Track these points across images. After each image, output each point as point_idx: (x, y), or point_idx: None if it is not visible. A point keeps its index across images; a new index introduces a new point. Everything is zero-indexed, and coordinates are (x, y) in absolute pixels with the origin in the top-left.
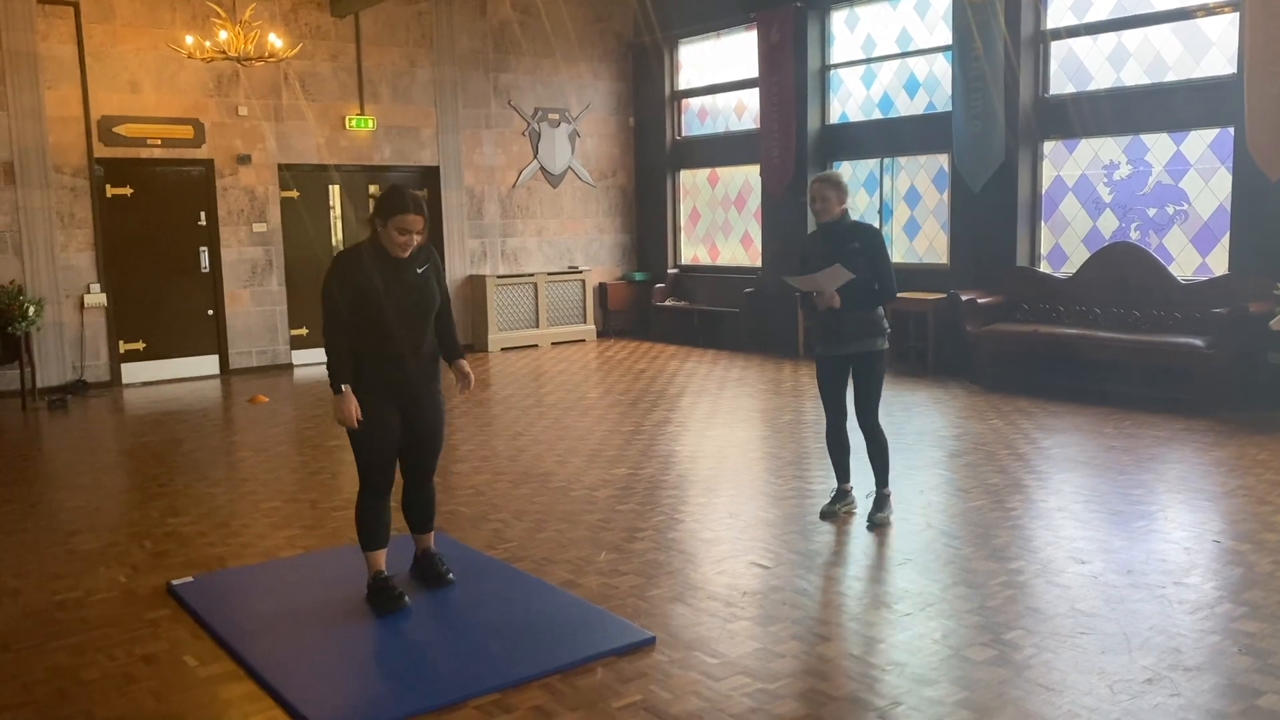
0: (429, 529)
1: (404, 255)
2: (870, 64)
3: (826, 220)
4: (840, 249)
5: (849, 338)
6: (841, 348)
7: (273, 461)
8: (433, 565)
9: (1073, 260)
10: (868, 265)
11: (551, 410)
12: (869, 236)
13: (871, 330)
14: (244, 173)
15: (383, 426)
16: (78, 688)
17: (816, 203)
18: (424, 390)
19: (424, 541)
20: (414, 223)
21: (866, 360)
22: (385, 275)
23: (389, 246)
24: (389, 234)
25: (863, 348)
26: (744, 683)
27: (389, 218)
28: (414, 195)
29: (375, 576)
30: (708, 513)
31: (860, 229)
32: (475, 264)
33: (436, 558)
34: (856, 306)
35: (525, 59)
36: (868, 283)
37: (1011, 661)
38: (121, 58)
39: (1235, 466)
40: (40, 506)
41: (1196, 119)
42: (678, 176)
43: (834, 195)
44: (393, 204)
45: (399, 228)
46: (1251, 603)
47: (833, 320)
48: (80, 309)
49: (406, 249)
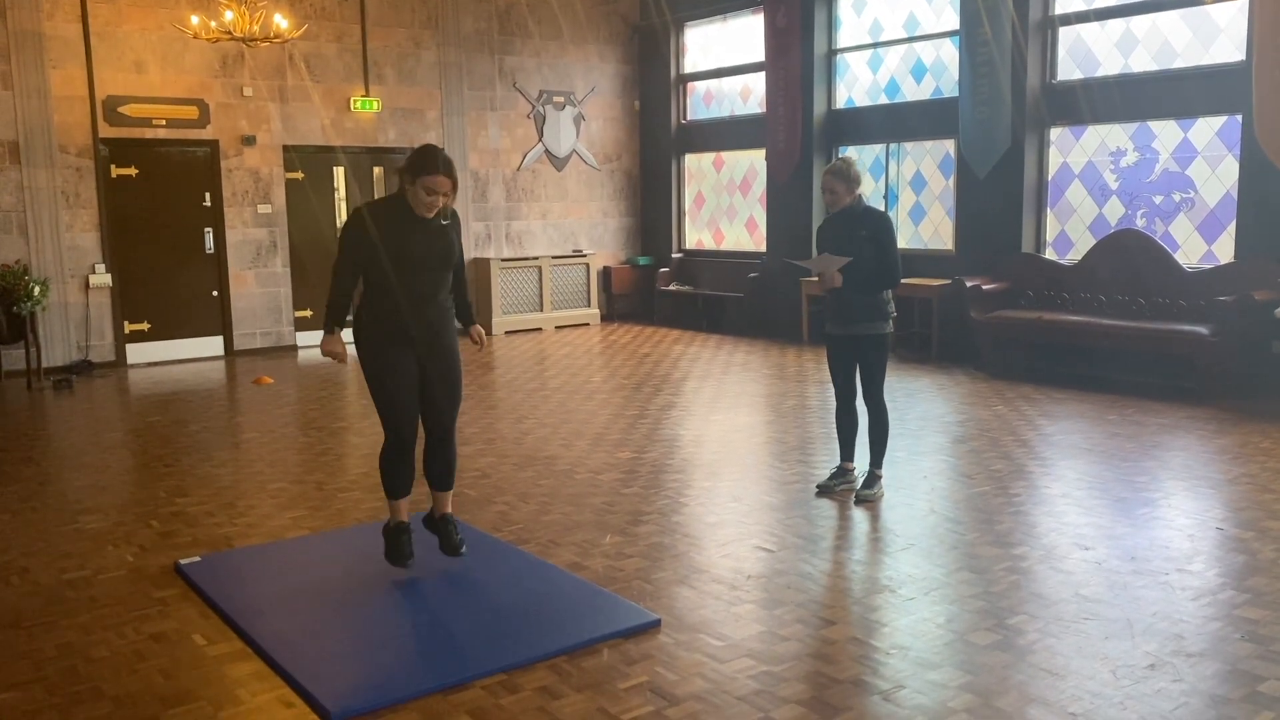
0: (448, 487)
1: (429, 215)
2: (877, 48)
3: (838, 210)
4: (850, 236)
5: (851, 319)
6: (846, 328)
7: (278, 443)
8: (447, 532)
9: (1078, 247)
10: (874, 251)
11: (556, 394)
12: (877, 223)
13: (874, 314)
14: (249, 154)
15: (399, 375)
16: (87, 665)
17: (827, 195)
18: (441, 342)
19: (442, 501)
20: (441, 184)
21: (868, 342)
22: (407, 227)
23: (415, 205)
24: (416, 192)
25: (865, 330)
26: (749, 665)
27: (418, 176)
28: (445, 157)
29: (393, 524)
30: (712, 496)
31: (869, 216)
32: (480, 247)
33: (453, 524)
34: (859, 290)
35: (531, 41)
36: (872, 267)
37: (1015, 646)
38: (126, 37)
39: (1239, 454)
40: (48, 486)
41: (1204, 106)
42: (683, 160)
43: (842, 188)
44: (423, 163)
45: (426, 187)
46: (1254, 590)
47: (838, 301)
48: (85, 289)
49: (432, 210)
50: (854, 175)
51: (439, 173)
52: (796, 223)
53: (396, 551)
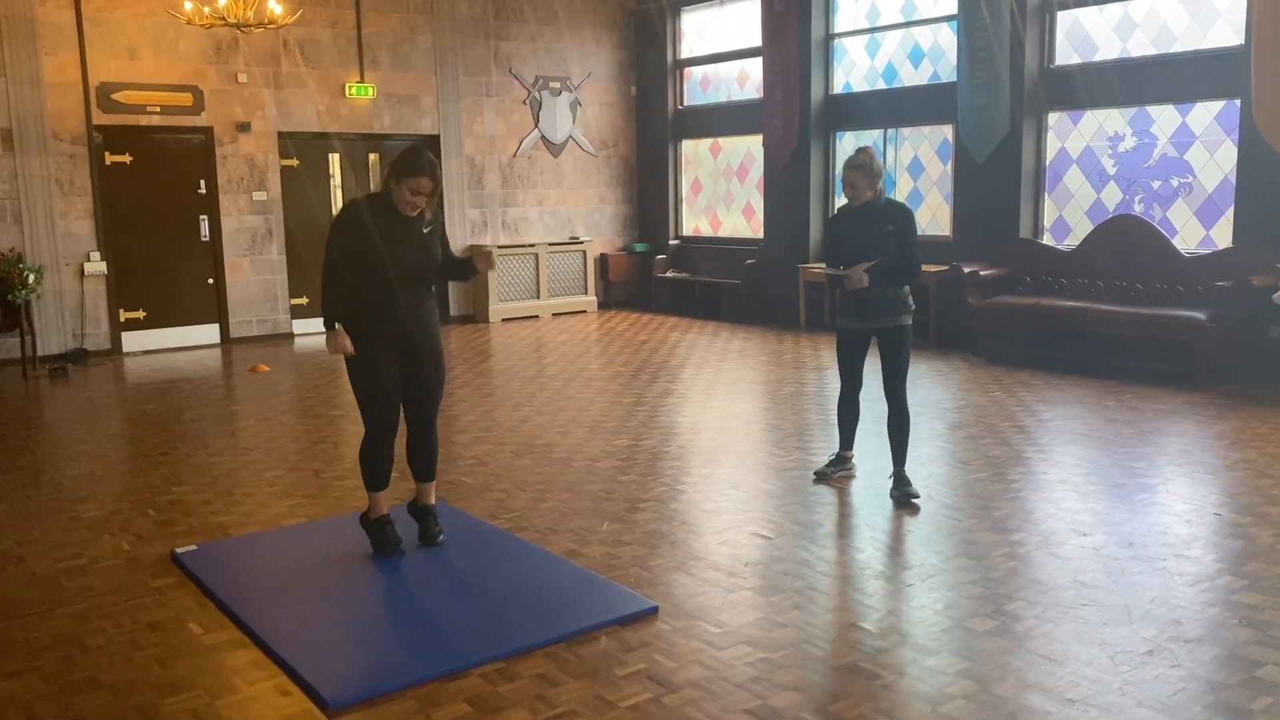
0: (430, 478)
1: (412, 215)
2: (874, 33)
3: (859, 204)
4: (873, 231)
5: (876, 314)
6: (867, 322)
7: (275, 430)
8: (426, 521)
9: (1076, 233)
10: (896, 245)
11: (553, 381)
12: (902, 217)
13: (898, 307)
14: (244, 140)
15: (381, 370)
16: (84, 654)
17: (847, 189)
18: (423, 338)
19: (425, 491)
20: (425, 185)
21: (893, 334)
22: (392, 226)
23: (399, 204)
24: (400, 192)
25: (889, 323)
26: (746, 652)
27: (403, 177)
28: (430, 159)
29: (374, 516)
30: (709, 484)
31: (894, 211)
32: (476, 234)
33: (433, 515)
34: (886, 285)
35: (526, 26)
36: (897, 263)
37: (1013, 632)
38: (120, 24)
39: (1236, 440)
40: (43, 474)
41: (1203, 90)
42: (679, 146)
43: (864, 182)
44: (408, 165)
45: (411, 188)
46: (1252, 575)
47: (862, 297)
48: (80, 277)
49: (415, 209)
50: (876, 168)
51: (423, 175)
52: (794, 209)
53: (384, 544)
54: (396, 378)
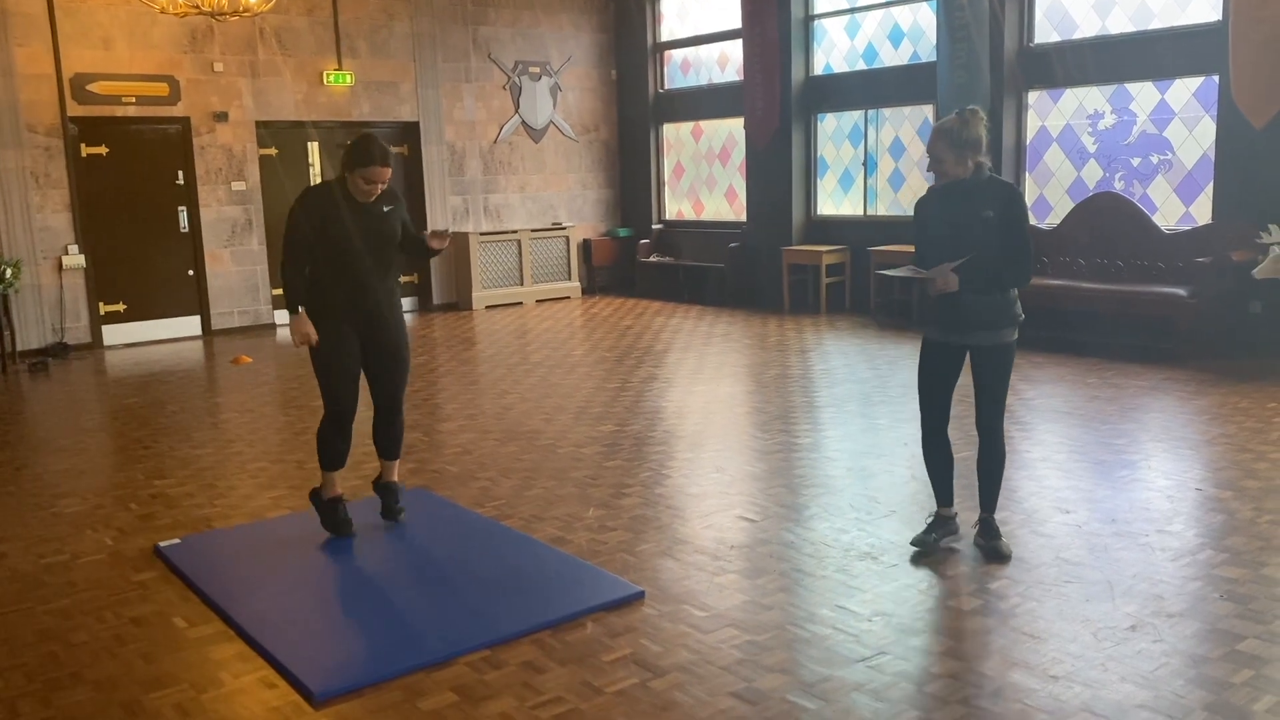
0: (395, 456)
1: (369, 200)
2: (854, 14)
3: (947, 182)
4: (966, 218)
5: (971, 325)
6: (961, 336)
7: (258, 422)
8: (388, 497)
9: (1057, 211)
10: (1001, 238)
11: (537, 368)
12: (1007, 202)
13: (1000, 318)
14: (221, 130)
15: (342, 352)
16: (67, 650)
17: (932, 164)
18: (386, 320)
19: (388, 469)
20: (379, 174)
21: (992, 354)
22: (349, 213)
23: (354, 192)
24: (355, 181)
25: (988, 340)
26: (732, 635)
27: (355, 168)
28: (381, 147)
29: (326, 497)
30: (694, 468)
31: (994, 189)
32: (458, 221)
33: (394, 492)
34: (980, 289)
35: (505, 10)
36: (998, 259)
37: (997, 610)
38: (92, 13)
39: (1217, 415)
40: (25, 470)
41: (1181, 67)
42: (661, 130)
43: (950, 156)
44: (360, 155)
45: (364, 177)
46: (1232, 549)
47: (954, 301)
48: (59, 270)
49: (371, 196)
50: (968, 138)
51: (375, 164)
52: (776, 191)
53: (336, 525)
54: (357, 357)
